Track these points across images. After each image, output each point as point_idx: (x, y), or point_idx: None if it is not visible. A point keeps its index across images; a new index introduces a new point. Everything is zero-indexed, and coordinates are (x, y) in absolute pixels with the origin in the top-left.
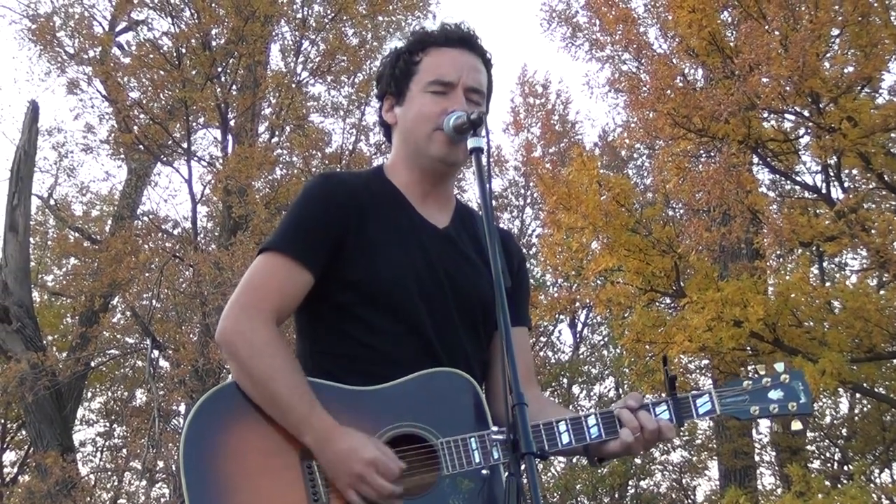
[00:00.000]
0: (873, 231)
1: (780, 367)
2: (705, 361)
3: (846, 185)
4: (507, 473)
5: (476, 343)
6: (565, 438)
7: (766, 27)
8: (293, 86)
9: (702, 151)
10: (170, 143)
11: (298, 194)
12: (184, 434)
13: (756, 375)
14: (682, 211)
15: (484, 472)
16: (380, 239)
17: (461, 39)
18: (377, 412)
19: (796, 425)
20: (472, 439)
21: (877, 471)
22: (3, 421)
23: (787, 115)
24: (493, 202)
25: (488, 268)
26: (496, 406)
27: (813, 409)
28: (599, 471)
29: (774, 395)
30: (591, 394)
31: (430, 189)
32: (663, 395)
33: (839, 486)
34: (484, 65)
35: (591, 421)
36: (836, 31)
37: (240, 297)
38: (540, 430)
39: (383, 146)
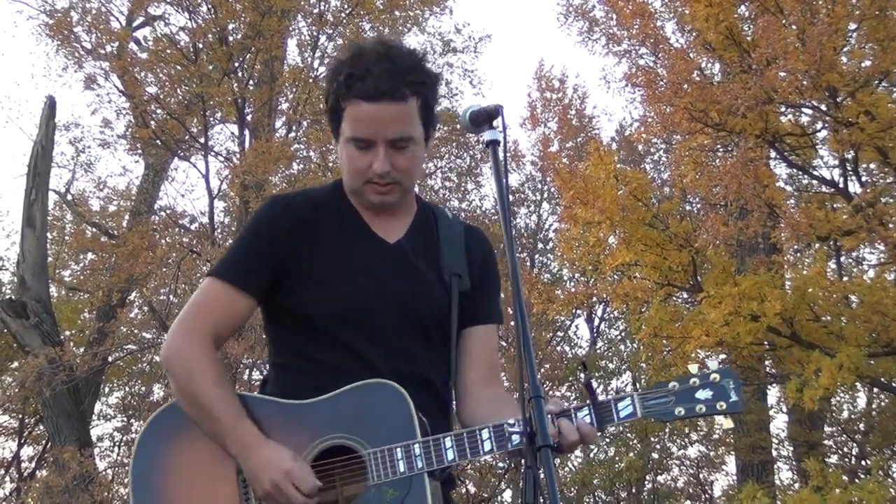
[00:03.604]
0: (891, 225)
1: (713, 365)
2: (723, 356)
3: (864, 179)
4: (524, 466)
5: (432, 354)
6: (487, 446)
7: (784, 21)
8: (310, 81)
9: (719, 146)
10: (187, 138)
11: (250, 217)
12: (134, 448)
13: (684, 376)
14: (699, 205)
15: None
16: (324, 264)
17: (377, 93)
18: (312, 424)
19: (727, 424)
20: (398, 449)
21: (894, 465)
22: (21, 416)
23: (804, 110)
24: (511, 196)
25: (441, 277)
26: (463, 407)
27: (743, 407)
28: (616, 466)
29: (702, 394)
30: (608, 389)
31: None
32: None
33: (857, 480)
34: (414, 95)
35: (514, 428)
36: (853, 26)
37: (180, 320)
38: (463, 438)
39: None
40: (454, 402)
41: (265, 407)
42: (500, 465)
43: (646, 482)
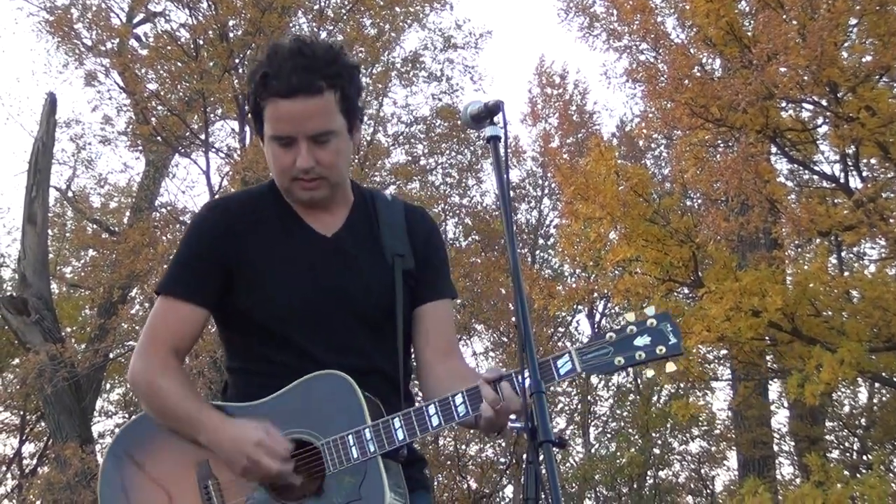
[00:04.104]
0: (892, 220)
1: (650, 311)
2: (724, 351)
3: (864, 174)
4: (526, 462)
5: (382, 344)
6: (435, 421)
7: (784, 16)
8: None
9: (720, 141)
10: (187, 134)
11: (187, 227)
12: (101, 465)
13: (621, 325)
14: (700, 201)
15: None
16: (264, 264)
17: (291, 89)
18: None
19: (670, 367)
20: (350, 436)
21: None
22: (22, 413)
23: (805, 105)
24: (511, 192)
25: (384, 262)
26: (424, 386)
27: (683, 348)
28: (618, 461)
29: (641, 341)
30: (609, 384)
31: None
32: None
33: (858, 475)
34: (331, 88)
35: (459, 399)
36: (853, 21)
37: (139, 345)
38: (411, 416)
39: (401, 137)
40: (418, 383)
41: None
42: (502, 460)
43: (647, 477)
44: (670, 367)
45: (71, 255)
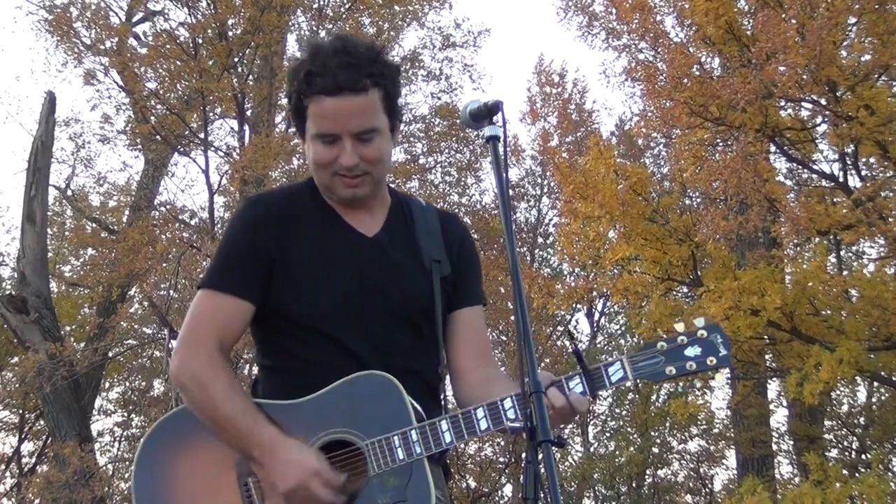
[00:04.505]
0: (891, 219)
1: (699, 322)
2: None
3: (863, 173)
4: (525, 461)
5: (419, 343)
6: (483, 424)
7: (783, 15)
8: None
9: (719, 140)
10: (187, 133)
11: (229, 223)
12: (135, 459)
13: (672, 335)
14: (699, 200)
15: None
16: (305, 260)
17: (337, 87)
18: (307, 422)
19: (720, 377)
20: (395, 437)
21: (895, 459)
22: (21, 411)
23: (804, 104)
24: (511, 191)
25: (421, 266)
26: (459, 391)
27: (731, 360)
28: (617, 460)
29: (691, 352)
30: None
31: (356, 203)
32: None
33: (857, 474)
34: (375, 86)
35: (508, 404)
36: (853, 20)
37: (185, 336)
38: (458, 419)
39: (399, 135)
40: (451, 388)
41: (263, 411)
42: (501, 459)
43: (646, 476)
44: (720, 377)
45: (70, 254)
